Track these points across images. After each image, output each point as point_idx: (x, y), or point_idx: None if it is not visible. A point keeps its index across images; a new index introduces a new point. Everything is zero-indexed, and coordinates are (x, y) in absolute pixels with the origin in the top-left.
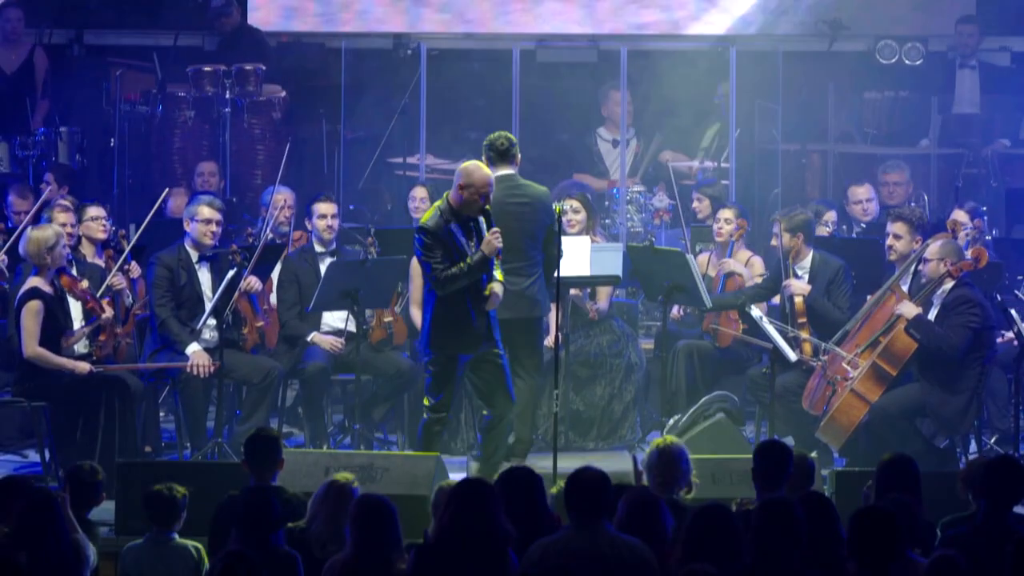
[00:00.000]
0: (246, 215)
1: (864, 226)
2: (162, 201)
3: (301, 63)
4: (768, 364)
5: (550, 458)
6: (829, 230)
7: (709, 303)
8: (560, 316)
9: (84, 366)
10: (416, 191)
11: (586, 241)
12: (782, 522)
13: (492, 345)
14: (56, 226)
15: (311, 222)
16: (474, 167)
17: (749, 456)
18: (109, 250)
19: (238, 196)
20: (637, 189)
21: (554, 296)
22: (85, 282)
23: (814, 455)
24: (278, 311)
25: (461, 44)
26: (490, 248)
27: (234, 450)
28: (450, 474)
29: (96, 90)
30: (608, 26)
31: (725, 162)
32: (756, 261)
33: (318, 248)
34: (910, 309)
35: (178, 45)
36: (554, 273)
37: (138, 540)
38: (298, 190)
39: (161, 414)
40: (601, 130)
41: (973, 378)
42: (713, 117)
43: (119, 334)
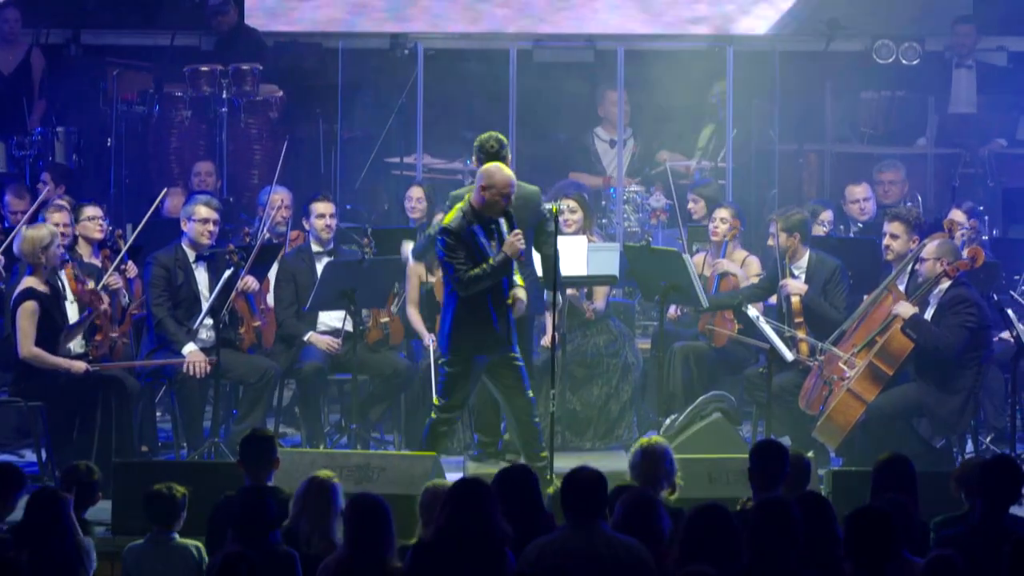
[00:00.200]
0: (243, 215)
1: (861, 226)
2: (159, 201)
3: (298, 63)
4: (765, 364)
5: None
6: (826, 230)
7: (706, 303)
8: (557, 316)
9: (80, 365)
10: (413, 191)
11: (583, 241)
12: (779, 522)
13: (510, 348)
14: (51, 225)
15: (309, 222)
16: (496, 168)
17: (746, 456)
18: (106, 250)
19: (235, 196)
20: (634, 189)
21: (547, 295)
22: (91, 283)
23: (811, 455)
24: (275, 311)
25: (458, 44)
26: (512, 249)
27: (231, 450)
28: (447, 474)
29: (93, 90)
30: (605, 26)
31: (722, 162)
32: (752, 261)
33: (315, 248)
34: (907, 309)
35: (175, 45)
36: (551, 273)
37: (138, 540)
38: (295, 190)
39: (158, 414)
40: (599, 130)
41: (970, 378)
42: (709, 117)
43: (115, 334)
